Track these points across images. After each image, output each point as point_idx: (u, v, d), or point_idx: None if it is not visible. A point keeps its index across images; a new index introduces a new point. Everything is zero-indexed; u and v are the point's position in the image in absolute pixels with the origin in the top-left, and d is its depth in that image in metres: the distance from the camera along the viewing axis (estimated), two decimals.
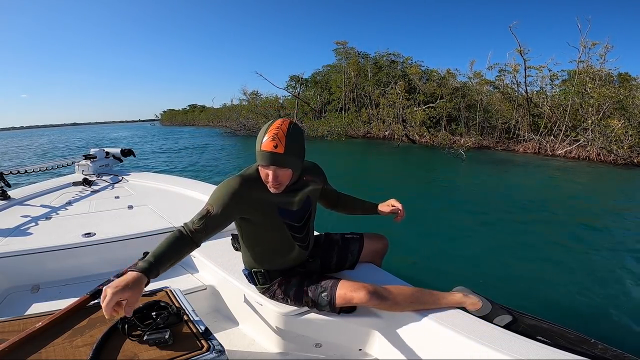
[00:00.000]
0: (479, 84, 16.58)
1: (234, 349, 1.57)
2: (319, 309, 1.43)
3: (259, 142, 1.24)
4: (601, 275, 3.32)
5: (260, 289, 1.53)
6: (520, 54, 14.09)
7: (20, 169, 3.02)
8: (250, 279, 1.54)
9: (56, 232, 2.04)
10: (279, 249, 1.47)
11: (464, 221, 4.94)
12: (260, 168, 1.29)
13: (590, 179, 8.85)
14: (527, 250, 3.92)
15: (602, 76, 13.06)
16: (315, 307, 1.44)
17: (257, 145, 1.25)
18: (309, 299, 1.43)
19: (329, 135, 18.08)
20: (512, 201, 6.22)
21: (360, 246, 1.68)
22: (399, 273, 1.67)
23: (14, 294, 1.75)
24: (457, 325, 1.26)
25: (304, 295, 1.43)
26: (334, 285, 1.40)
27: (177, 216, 2.31)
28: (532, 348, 1.13)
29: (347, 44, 22.29)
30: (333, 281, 1.42)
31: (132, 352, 0.99)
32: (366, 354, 1.50)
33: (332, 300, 1.38)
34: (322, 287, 1.42)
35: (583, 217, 5.32)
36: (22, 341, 1.01)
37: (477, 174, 9.26)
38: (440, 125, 16.79)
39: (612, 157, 11.00)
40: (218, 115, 37.60)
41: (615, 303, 2.81)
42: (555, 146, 12.93)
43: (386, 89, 18.81)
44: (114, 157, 3.76)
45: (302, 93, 25.61)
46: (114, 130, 61.16)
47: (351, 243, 1.68)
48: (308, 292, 1.42)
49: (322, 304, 1.40)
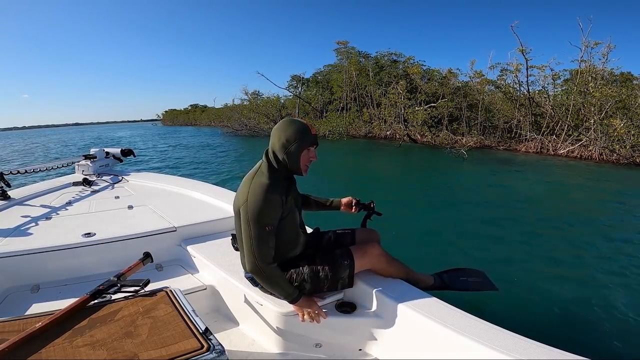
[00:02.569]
0: (480, 84, 16.55)
1: (234, 349, 1.56)
2: (337, 280, 1.51)
3: (304, 132, 1.43)
4: (602, 274, 3.30)
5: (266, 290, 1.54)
6: (522, 53, 14.04)
7: (20, 169, 3.03)
8: (254, 281, 1.54)
9: (56, 232, 2.04)
10: (293, 237, 1.53)
11: (465, 221, 4.93)
12: (304, 153, 1.45)
13: (592, 178, 8.82)
14: (528, 250, 3.91)
15: (604, 76, 13.01)
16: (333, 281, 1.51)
17: (301, 134, 1.42)
18: (326, 273, 1.50)
19: (330, 135, 18.08)
20: (514, 201, 6.21)
21: (353, 239, 1.72)
22: None
23: (14, 294, 1.75)
24: (457, 325, 1.25)
25: (320, 272, 1.50)
26: (345, 250, 1.55)
27: (177, 216, 2.31)
28: (532, 348, 1.13)
29: (348, 44, 22.30)
30: (343, 249, 1.57)
31: (132, 352, 0.99)
32: (366, 354, 1.50)
33: (351, 262, 1.52)
34: (335, 256, 1.52)
35: (584, 216, 5.30)
36: (22, 341, 1.01)
37: (478, 174, 9.24)
38: (442, 124, 16.77)
39: (615, 156, 10.96)
40: (219, 115, 37.66)
41: (615, 302, 2.80)
42: (557, 146, 12.89)
43: (387, 89, 18.79)
44: (114, 157, 3.76)
45: (303, 93, 25.62)
46: (116, 130, 61.28)
47: (344, 237, 1.73)
48: (325, 268, 1.50)
49: (342, 270, 1.51)
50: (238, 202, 1.41)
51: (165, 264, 2.08)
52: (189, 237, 2.17)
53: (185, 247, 2.09)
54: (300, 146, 1.43)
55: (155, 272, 1.98)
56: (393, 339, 1.43)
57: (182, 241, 2.14)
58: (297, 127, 1.43)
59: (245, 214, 1.36)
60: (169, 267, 2.06)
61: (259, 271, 1.38)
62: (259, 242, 1.36)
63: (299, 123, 1.46)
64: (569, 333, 2.40)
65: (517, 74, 14.99)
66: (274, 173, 1.43)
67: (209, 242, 2.12)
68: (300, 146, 1.43)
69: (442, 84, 17.46)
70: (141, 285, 1.30)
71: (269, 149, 1.46)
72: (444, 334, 1.25)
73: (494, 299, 2.74)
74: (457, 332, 1.22)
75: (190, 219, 2.26)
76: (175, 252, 2.14)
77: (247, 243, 1.38)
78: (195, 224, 2.22)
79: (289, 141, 1.42)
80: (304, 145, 1.44)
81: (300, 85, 25.97)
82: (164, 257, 2.09)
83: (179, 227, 2.16)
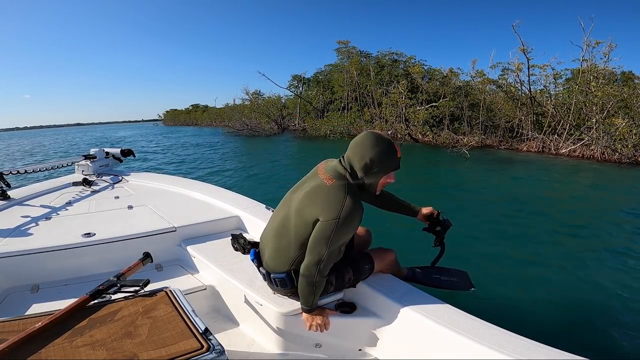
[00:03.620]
0: (482, 83, 16.51)
1: (234, 349, 1.56)
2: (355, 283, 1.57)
3: (390, 155, 1.38)
4: (603, 274, 3.29)
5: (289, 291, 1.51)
6: (523, 52, 13.99)
7: (20, 169, 3.02)
8: (288, 280, 1.47)
9: (56, 232, 2.05)
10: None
11: (465, 220, 4.91)
12: (387, 176, 1.42)
13: (594, 178, 8.80)
14: (528, 249, 3.90)
15: (605, 75, 12.97)
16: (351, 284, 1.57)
17: (386, 158, 1.37)
18: (350, 277, 1.54)
19: (332, 134, 18.08)
20: (516, 200, 6.19)
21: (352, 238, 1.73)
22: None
23: (14, 294, 1.75)
24: (457, 325, 1.25)
25: (345, 276, 1.53)
26: (365, 255, 1.61)
27: (177, 216, 2.31)
28: (532, 348, 1.13)
29: (349, 43, 22.26)
30: (362, 253, 1.63)
31: (132, 352, 0.99)
32: (366, 354, 1.50)
33: (371, 267, 1.57)
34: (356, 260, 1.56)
35: (586, 216, 5.29)
36: (22, 341, 1.01)
37: (480, 173, 9.23)
38: (443, 124, 16.74)
39: (617, 156, 10.92)
40: (220, 115, 37.66)
41: (617, 302, 2.79)
42: (559, 145, 12.86)
43: (388, 88, 18.77)
44: (114, 157, 3.76)
45: (304, 92, 25.61)
46: (117, 130, 61.38)
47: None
48: (349, 271, 1.54)
49: (363, 274, 1.57)
50: (325, 214, 1.33)
51: (165, 264, 2.08)
52: (189, 237, 2.17)
53: (185, 247, 2.09)
54: (384, 170, 1.38)
55: (155, 272, 1.98)
56: (393, 339, 1.43)
57: (182, 241, 2.14)
58: (384, 150, 1.36)
59: (331, 227, 1.31)
60: (168, 267, 2.06)
61: (312, 279, 1.35)
62: (330, 256, 1.34)
63: (386, 144, 1.37)
64: (569, 333, 2.40)
65: (518, 73, 14.93)
66: (359, 190, 1.40)
67: (209, 242, 2.12)
68: (384, 170, 1.38)
69: (444, 83, 17.41)
70: (141, 285, 1.30)
71: (346, 161, 1.39)
72: (444, 334, 1.25)
73: (493, 299, 2.73)
74: (457, 332, 1.22)
75: (190, 219, 2.26)
76: (175, 252, 2.14)
77: (314, 249, 1.34)
78: (195, 224, 2.22)
79: (372, 163, 1.35)
80: (387, 170, 1.39)
81: (302, 84, 25.96)
82: (163, 257, 2.09)
83: (179, 227, 2.16)
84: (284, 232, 1.45)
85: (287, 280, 1.47)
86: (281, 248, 1.46)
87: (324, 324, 1.44)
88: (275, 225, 1.51)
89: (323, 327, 1.44)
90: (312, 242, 1.36)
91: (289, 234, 1.44)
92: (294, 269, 1.46)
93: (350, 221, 1.32)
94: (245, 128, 23.22)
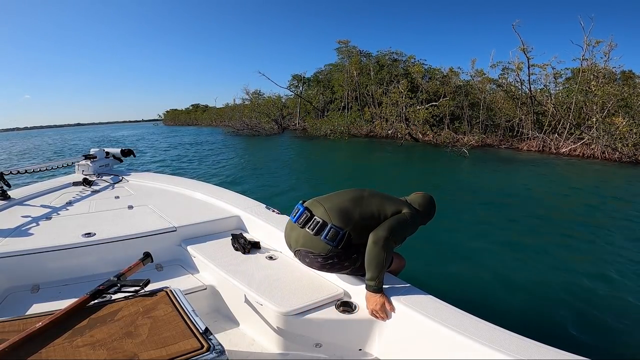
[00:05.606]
0: (482, 82, 16.51)
1: (234, 349, 1.56)
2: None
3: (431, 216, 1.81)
4: (603, 274, 3.29)
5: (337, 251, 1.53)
6: (523, 52, 14.00)
7: (20, 169, 3.02)
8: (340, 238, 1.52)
9: (56, 232, 2.04)
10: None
11: (465, 219, 4.92)
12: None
13: (595, 177, 8.80)
14: (528, 249, 3.90)
15: (605, 74, 12.96)
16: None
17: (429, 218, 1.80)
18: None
19: (332, 134, 18.08)
20: (516, 199, 6.19)
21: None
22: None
23: (14, 294, 1.75)
24: (457, 325, 1.25)
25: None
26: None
27: (177, 216, 2.31)
28: (532, 348, 1.12)
29: (349, 43, 22.27)
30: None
31: (132, 352, 0.99)
32: (366, 354, 1.50)
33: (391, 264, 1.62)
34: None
35: (586, 215, 5.29)
36: (22, 341, 1.01)
37: (480, 172, 9.23)
38: (443, 123, 16.75)
39: (617, 155, 10.93)
40: (220, 115, 37.63)
41: (616, 303, 2.79)
42: (559, 144, 12.86)
43: (389, 88, 18.77)
44: (114, 157, 3.76)
45: (304, 92, 25.63)
46: (118, 130, 61.40)
47: None
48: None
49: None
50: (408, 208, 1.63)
51: (165, 264, 2.08)
52: (189, 237, 2.17)
53: (185, 247, 2.09)
54: (423, 222, 1.75)
55: (155, 272, 1.98)
56: (393, 339, 1.43)
57: (182, 241, 2.14)
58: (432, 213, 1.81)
59: (412, 215, 1.61)
60: (169, 267, 2.06)
61: (388, 245, 1.46)
62: (396, 237, 1.50)
63: (434, 211, 1.81)
64: (569, 333, 2.40)
65: (518, 72, 14.95)
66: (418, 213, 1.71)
67: (209, 242, 2.12)
68: (423, 222, 1.75)
69: (444, 82, 17.42)
70: (141, 285, 1.30)
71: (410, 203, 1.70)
72: (444, 334, 1.25)
73: (494, 299, 2.74)
74: (457, 332, 1.22)
75: (190, 219, 2.25)
76: (175, 252, 2.14)
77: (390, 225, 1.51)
78: (195, 224, 2.22)
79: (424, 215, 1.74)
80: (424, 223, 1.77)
81: (302, 84, 25.98)
82: (164, 257, 2.09)
83: (179, 227, 2.16)
84: (359, 201, 1.60)
85: (340, 237, 1.51)
86: (348, 211, 1.56)
87: (383, 310, 1.43)
88: (348, 197, 1.64)
89: (382, 313, 1.43)
90: (391, 220, 1.55)
91: (361, 204, 1.59)
92: (349, 232, 1.52)
93: (415, 223, 1.62)
94: (246, 128, 23.23)
